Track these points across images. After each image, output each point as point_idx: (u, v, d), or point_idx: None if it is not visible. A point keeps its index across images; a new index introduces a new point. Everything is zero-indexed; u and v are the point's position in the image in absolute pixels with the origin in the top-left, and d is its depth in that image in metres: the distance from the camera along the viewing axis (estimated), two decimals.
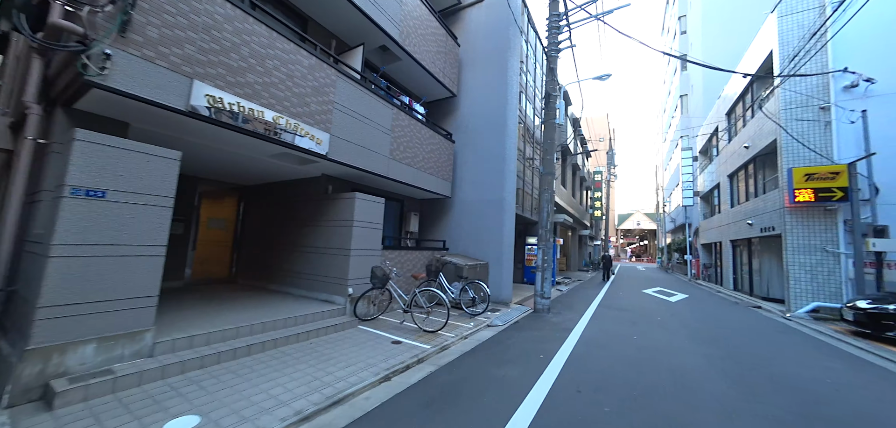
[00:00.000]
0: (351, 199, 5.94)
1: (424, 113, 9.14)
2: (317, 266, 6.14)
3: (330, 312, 5.34)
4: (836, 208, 9.11)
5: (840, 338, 6.70)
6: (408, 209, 9.10)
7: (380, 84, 7.74)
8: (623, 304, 9.76)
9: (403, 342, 4.75)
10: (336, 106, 5.47)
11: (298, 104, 4.84)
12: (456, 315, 6.75)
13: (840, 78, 9.27)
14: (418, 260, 7.80)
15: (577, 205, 22.27)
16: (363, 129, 6.12)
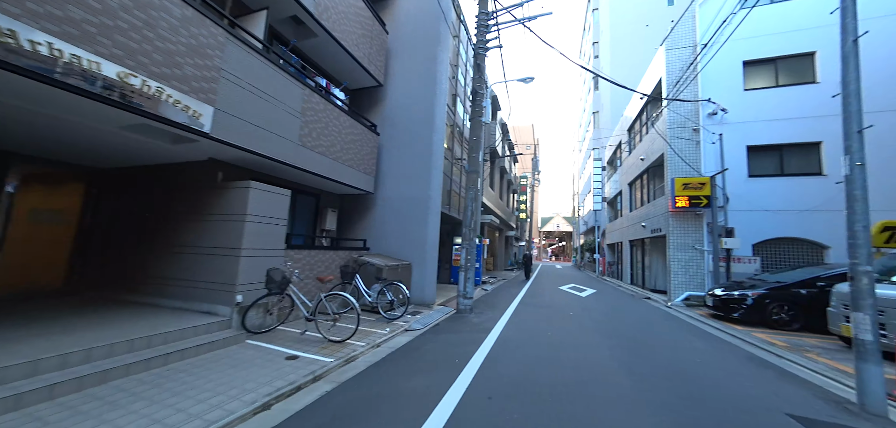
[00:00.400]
0: (244, 189, 4.99)
1: (345, 99, 8.39)
2: (197, 270, 5.02)
3: (209, 326, 4.36)
4: (702, 213, 10.94)
5: (703, 321, 7.95)
6: (324, 205, 8.22)
7: (291, 60, 6.79)
8: (541, 301, 10.30)
9: (301, 357, 4.07)
10: (225, 75, 4.51)
11: (165, 64, 3.81)
12: (372, 320, 6.22)
13: (706, 106, 11.16)
14: (333, 261, 7.04)
15: (505, 207, 23.34)
16: (264, 107, 5.21)
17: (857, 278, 3.71)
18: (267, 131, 5.28)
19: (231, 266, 4.77)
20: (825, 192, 10.01)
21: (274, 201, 5.40)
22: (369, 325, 5.88)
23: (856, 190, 3.79)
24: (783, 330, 7.21)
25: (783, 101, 10.71)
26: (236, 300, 4.63)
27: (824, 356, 5.49)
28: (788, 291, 7.39)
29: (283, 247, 5.59)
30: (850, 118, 3.91)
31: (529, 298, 10.82)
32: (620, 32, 28.18)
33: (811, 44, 10.71)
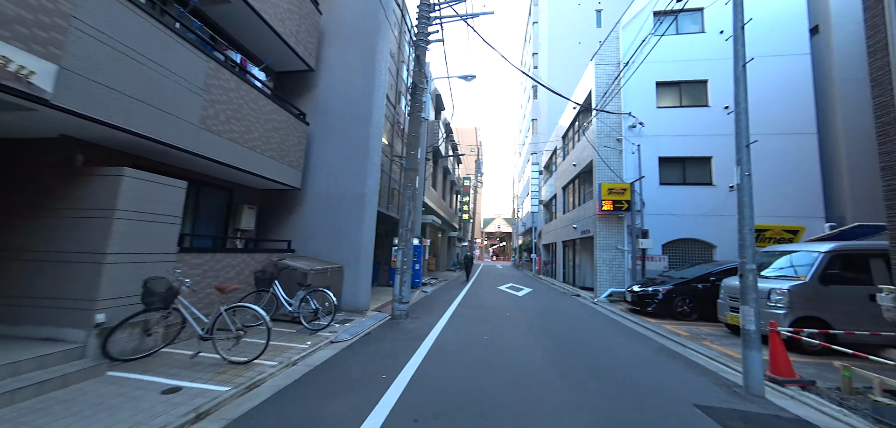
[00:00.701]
0: (114, 178, 3.94)
1: (267, 81, 7.39)
2: (36, 283, 3.81)
3: (46, 359, 3.29)
4: (623, 217, 12.03)
5: (623, 316, 8.65)
6: (239, 201, 7.13)
7: (191, 25, 5.68)
8: (480, 302, 10.32)
9: (185, 388, 3.28)
10: (79, 26, 3.46)
11: None
12: (293, 333, 5.47)
13: (627, 119, 12.31)
14: (247, 266, 6.08)
15: (447, 208, 23.37)
16: (148, 77, 4.18)
17: (744, 275, 4.15)
18: (153, 108, 4.26)
19: (90, 276, 3.71)
20: (715, 200, 11.68)
21: (161, 194, 4.39)
22: (287, 339, 5.14)
23: (744, 197, 4.24)
24: (685, 320, 8.13)
25: (685, 119, 12.27)
26: (96, 320, 3.59)
27: (716, 343, 6.23)
28: (689, 286, 8.37)
29: (174, 250, 4.59)
30: (740, 133, 4.38)
31: (469, 299, 10.79)
32: (557, 47, 30.21)
33: (705, 73, 12.44)
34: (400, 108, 12.03)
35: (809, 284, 5.69)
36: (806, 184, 11.45)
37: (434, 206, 17.49)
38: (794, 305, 5.66)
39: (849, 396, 4.00)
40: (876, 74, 3.90)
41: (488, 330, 6.55)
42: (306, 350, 4.65)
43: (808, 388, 4.20)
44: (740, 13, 4.54)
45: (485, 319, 7.56)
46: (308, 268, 6.22)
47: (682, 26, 12.93)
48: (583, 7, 29.69)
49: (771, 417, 3.38)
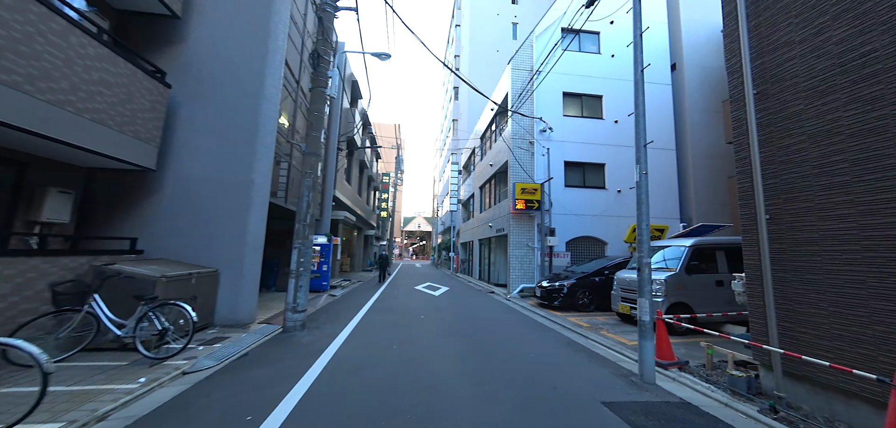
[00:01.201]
0: None
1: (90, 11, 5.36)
2: None
3: None
4: (534, 215, 12.74)
5: (534, 310, 8.98)
6: (39, 181, 4.97)
7: None
8: (394, 304, 9.59)
9: None
10: None
11: None
12: (123, 365, 3.91)
13: (539, 124, 13.09)
14: (44, 275, 4.17)
15: (364, 204, 21.94)
16: None
17: (641, 269, 4.38)
18: None
19: None
20: (607, 202, 13.25)
21: None
22: (107, 376, 3.61)
23: (642, 194, 4.49)
24: (585, 312, 8.81)
25: (585, 129, 13.63)
26: None
27: (611, 332, 6.75)
28: (588, 279, 9.11)
29: None
30: (639, 134, 4.63)
31: (382, 301, 9.96)
32: (477, 53, 31.30)
33: (601, 89, 14.04)
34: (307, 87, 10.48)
35: (678, 275, 6.55)
36: (668, 190, 13.81)
37: (348, 201, 16.04)
38: (669, 293, 6.45)
39: (712, 372, 4.53)
40: (733, 92, 4.49)
41: (400, 337, 5.89)
42: (135, 391, 3.27)
43: (684, 368, 4.65)
44: (639, 22, 4.82)
45: (398, 324, 6.88)
46: (157, 275, 4.60)
47: (584, 46, 14.37)
48: (501, 18, 31.39)
49: (664, 404, 3.51)
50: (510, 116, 13.17)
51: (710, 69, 15.32)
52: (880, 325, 2.98)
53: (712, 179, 14.36)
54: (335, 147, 12.35)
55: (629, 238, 11.98)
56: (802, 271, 3.59)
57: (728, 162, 14.67)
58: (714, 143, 14.63)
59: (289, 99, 8.80)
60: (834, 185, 3.38)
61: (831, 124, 3.42)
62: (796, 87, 3.75)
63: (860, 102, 3.22)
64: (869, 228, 3.10)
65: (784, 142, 3.85)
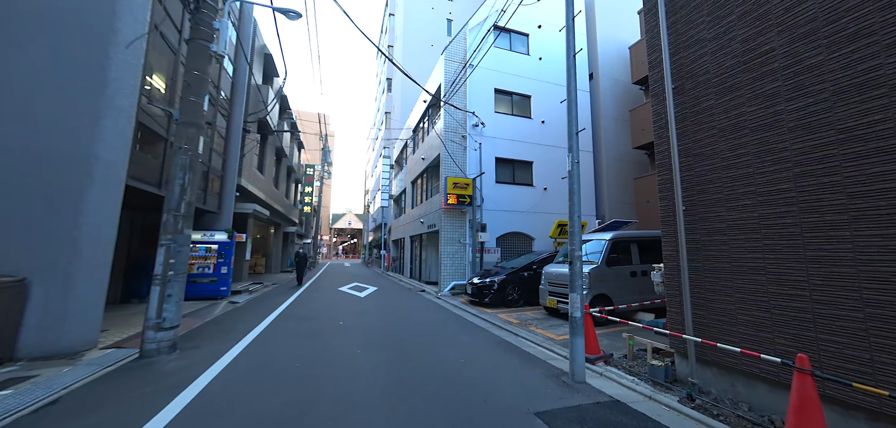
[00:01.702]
0: None
1: None
2: None
3: None
4: (466, 211, 12.55)
5: (465, 308, 8.66)
6: None
7: None
8: (310, 310, 8.36)
9: None
10: None
11: None
12: None
13: (471, 118, 12.94)
14: None
15: (282, 198, 19.51)
16: None
17: (573, 262, 4.21)
18: None
19: None
20: (534, 199, 13.74)
21: None
22: None
23: (574, 184, 4.32)
24: (515, 307, 8.80)
25: (516, 127, 13.94)
26: None
27: (540, 327, 6.71)
28: (517, 274, 9.13)
29: None
30: (571, 120, 4.47)
31: (296, 307, 8.62)
32: (411, 45, 30.48)
33: (529, 89, 14.53)
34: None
35: (600, 267, 6.80)
36: (586, 189, 14.94)
37: (260, 193, 13.88)
38: (592, 285, 6.64)
39: (634, 363, 4.61)
40: (654, 86, 4.61)
41: (308, 351, 4.90)
42: None
43: (609, 362, 4.65)
44: (571, 6, 4.66)
45: (308, 335, 5.83)
46: None
47: (514, 45, 14.69)
48: (436, 12, 31.06)
49: (595, 407, 3.30)
50: (443, 108, 12.76)
51: (619, 82, 17.09)
52: (776, 308, 3.15)
53: (621, 180, 16.03)
54: (240, 127, 10.42)
55: (554, 234, 12.57)
56: (713, 261, 3.73)
57: (634, 165, 16.55)
58: (623, 148, 16.35)
59: (172, 57, 6.94)
60: (739, 177, 3.54)
61: (737, 119, 3.59)
62: (708, 82, 3.90)
63: (760, 98, 3.39)
64: (767, 217, 3.27)
65: (698, 135, 3.99)
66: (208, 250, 9.45)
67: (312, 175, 26.68)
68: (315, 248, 32.79)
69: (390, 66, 33.42)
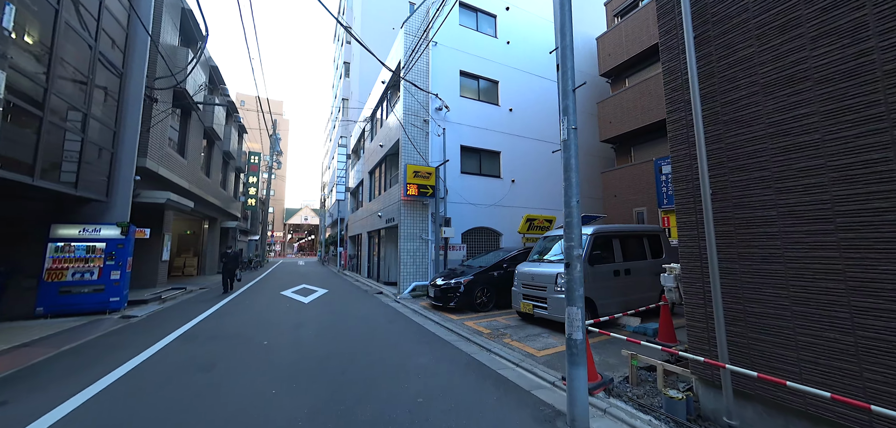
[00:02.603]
0: None
1: None
2: None
3: None
4: (428, 203, 11.25)
5: (427, 315, 7.38)
6: None
7: None
8: (233, 324, 6.58)
9: None
10: None
11: None
12: None
13: (434, 101, 11.63)
14: None
15: (217, 187, 16.81)
16: None
17: (572, 264, 3.09)
18: None
19: None
20: (502, 191, 12.79)
21: None
22: None
23: (571, 158, 3.21)
24: (484, 312, 7.68)
25: (482, 113, 12.86)
26: None
27: (516, 338, 5.62)
28: (486, 275, 8.03)
29: None
30: (566, 74, 3.35)
31: (215, 321, 6.77)
32: (371, 27, 28.39)
33: (497, 74, 13.53)
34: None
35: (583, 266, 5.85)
36: (556, 183, 14.32)
37: (180, 180, 11.46)
38: None
39: (640, 392, 3.62)
40: (666, 38, 3.66)
41: (201, 393, 3.33)
42: None
43: (611, 390, 3.63)
44: None
45: (213, 364, 4.21)
46: None
47: (481, 26, 13.59)
48: None
49: None
50: (403, 88, 11.30)
51: (585, 74, 16.71)
52: (868, 329, 2.23)
53: (587, 175, 15.68)
54: (141, 92, 8.15)
55: (523, 229, 11.70)
56: (757, 260, 2.79)
57: (600, 160, 16.29)
58: (590, 142, 16.00)
59: None
60: (796, 147, 2.61)
61: (794, 67, 2.65)
62: (746, 24, 2.95)
63: (834, 35, 2.47)
64: (844, 199, 2.36)
65: (730, 96, 3.04)
66: (90, 250, 7.22)
67: (257, 164, 23.74)
68: (263, 245, 29.61)
69: (348, 49, 31.01)
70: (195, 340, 5.35)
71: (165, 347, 5.03)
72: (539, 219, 12.09)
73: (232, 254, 11.00)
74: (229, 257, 10.92)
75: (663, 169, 10.60)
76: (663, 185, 10.55)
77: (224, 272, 10.98)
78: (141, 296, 9.01)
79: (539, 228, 12.13)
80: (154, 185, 9.85)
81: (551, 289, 5.85)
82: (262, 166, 29.42)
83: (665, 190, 10.52)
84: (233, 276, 11.15)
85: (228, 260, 10.92)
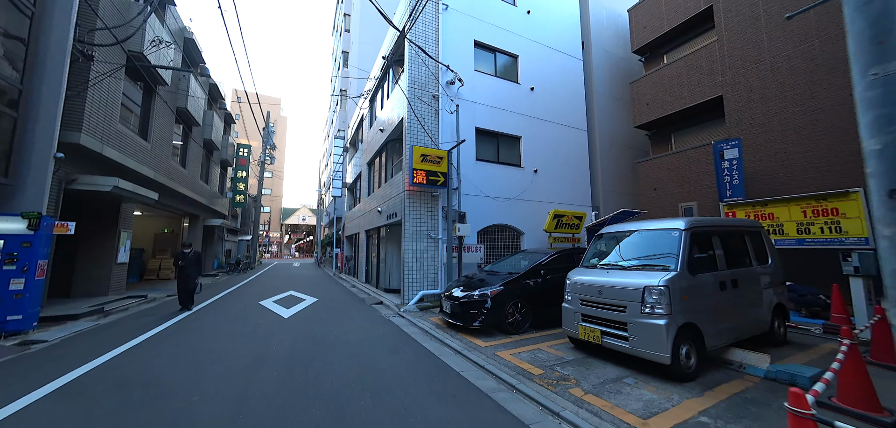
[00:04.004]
0: None
1: None
2: None
3: None
4: (438, 195, 9.33)
5: (440, 336, 5.45)
6: None
7: None
8: (166, 356, 4.65)
9: None
10: None
11: None
12: None
13: (445, 73, 9.73)
14: None
15: (195, 180, 14.89)
16: None
17: None
18: None
19: None
20: (522, 184, 10.86)
21: None
22: None
23: None
24: (518, 335, 5.75)
25: (500, 91, 10.95)
26: None
27: (588, 388, 3.67)
28: (519, 284, 6.09)
29: None
30: None
31: (145, 350, 4.85)
32: (371, 9, 26.53)
33: (516, 48, 11.62)
34: None
35: (681, 275, 3.93)
36: (581, 174, 12.41)
37: (139, 166, 9.56)
38: (674, 307, 3.74)
39: None
40: None
41: None
42: None
43: None
44: None
45: None
46: None
47: None
48: None
49: None
50: (407, 55, 9.40)
51: (614, 56, 14.83)
52: None
53: (615, 166, 13.77)
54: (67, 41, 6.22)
55: (550, 226, 9.77)
56: None
57: (629, 150, 14.36)
58: (618, 130, 14.09)
59: None
60: None
61: None
62: None
63: None
64: None
65: None
66: None
67: (246, 156, 21.82)
68: (255, 246, 27.66)
69: (346, 38, 29.16)
70: (83, 395, 3.42)
71: (22, 411, 3.10)
72: (568, 215, 10.14)
73: (191, 256, 8.13)
74: (187, 261, 7.99)
75: (726, 154, 8.70)
76: (726, 174, 8.66)
77: (179, 282, 7.99)
78: (74, 309, 7.08)
79: (568, 226, 10.20)
80: (98, 170, 7.93)
81: (635, 310, 3.93)
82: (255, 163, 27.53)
83: (729, 179, 8.61)
84: (192, 285, 8.06)
85: (187, 264, 7.96)
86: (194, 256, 8.25)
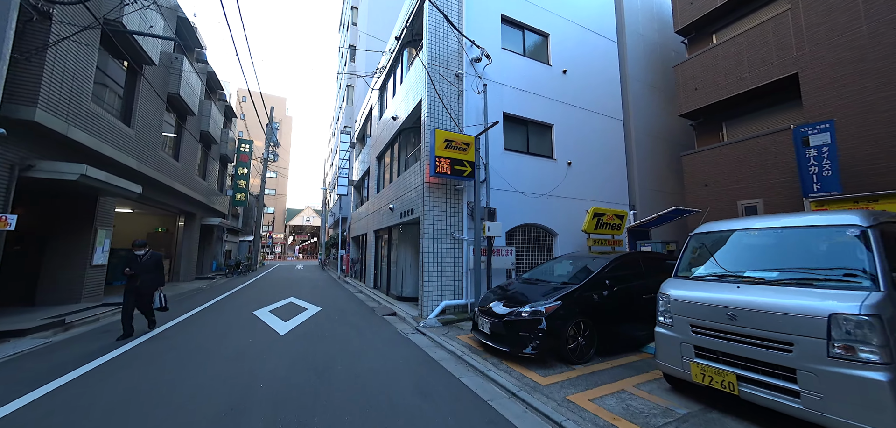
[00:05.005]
0: None
1: None
2: None
3: None
4: (462, 188, 8.00)
5: (486, 372, 4.09)
6: None
7: None
8: (132, 383, 3.34)
9: None
10: None
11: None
12: None
13: (470, 49, 8.42)
14: None
15: (190, 175, 13.71)
16: None
17: None
18: None
19: None
20: (555, 178, 9.49)
21: None
22: None
23: None
24: (582, 365, 4.37)
25: (529, 73, 9.61)
26: None
27: None
28: (581, 297, 4.70)
29: None
30: None
31: (90, 385, 3.56)
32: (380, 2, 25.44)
33: (547, 25, 10.29)
34: None
35: (889, 297, 2.52)
36: (618, 169, 11.01)
37: (124, 156, 8.37)
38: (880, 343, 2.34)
39: None
40: None
41: None
42: None
43: None
44: None
45: None
46: None
47: None
48: None
49: None
50: (427, 26, 8.10)
51: (649, 40, 13.41)
52: None
53: (651, 161, 12.32)
54: None
55: (589, 226, 8.39)
56: None
57: (668, 143, 12.91)
58: (656, 122, 12.65)
59: None
60: None
61: None
62: None
63: None
64: None
65: None
66: None
67: (247, 152, 20.69)
68: (257, 247, 26.50)
69: (353, 32, 28.03)
70: None
71: None
72: (609, 214, 8.77)
73: (147, 260, 5.82)
74: (141, 268, 5.69)
75: (811, 140, 7.26)
76: (812, 164, 7.20)
77: (125, 297, 5.55)
78: (26, 322, 5.83)
79: (609, 227, 8.82)
80: (65, 155, 6.71)
81: (814, 350, 2.55)
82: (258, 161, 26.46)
83: (816, 170, 7.15)
84: (148, 302, 5.90)
85: (139, 271, 5.66)
86: (152, 260, 5.91)
